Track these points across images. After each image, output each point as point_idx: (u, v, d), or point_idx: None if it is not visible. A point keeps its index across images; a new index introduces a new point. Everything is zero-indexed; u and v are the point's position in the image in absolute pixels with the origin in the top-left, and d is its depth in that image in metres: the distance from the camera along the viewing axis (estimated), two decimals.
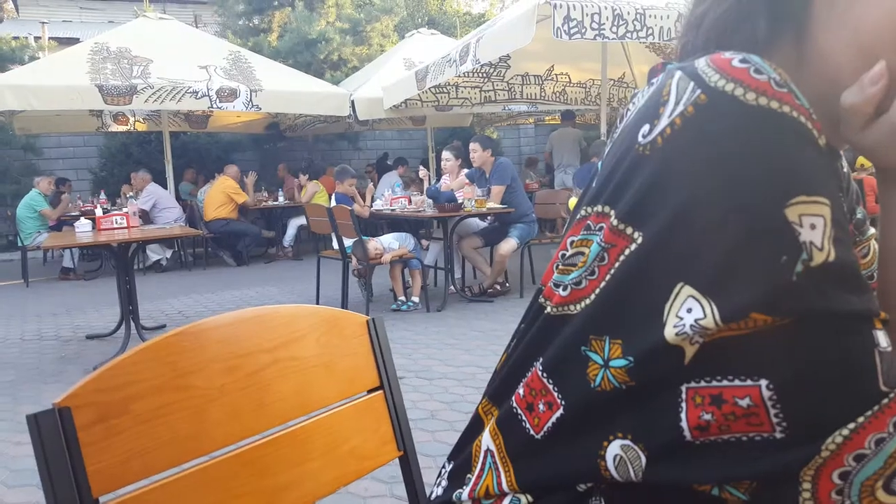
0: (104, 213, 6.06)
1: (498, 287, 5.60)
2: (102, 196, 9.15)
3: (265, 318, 0.99)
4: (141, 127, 9.96)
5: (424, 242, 8.04)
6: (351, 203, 5.55)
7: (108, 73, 7.07)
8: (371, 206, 6.17)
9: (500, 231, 5.59)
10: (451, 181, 5.93)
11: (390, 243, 5.20)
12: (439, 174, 8.54)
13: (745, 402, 0.57)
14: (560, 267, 0.73)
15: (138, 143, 10.74)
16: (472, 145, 5.73)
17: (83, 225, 4.94)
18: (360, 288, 5.70)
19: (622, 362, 0.63)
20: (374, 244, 5.08)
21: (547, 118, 12.85)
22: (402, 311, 5.19)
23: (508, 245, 5.39)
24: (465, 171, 6.03)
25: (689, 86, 0.60)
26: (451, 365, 3.75)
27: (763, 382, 0.56)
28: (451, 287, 5.53)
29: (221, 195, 8.25)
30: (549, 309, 0.72)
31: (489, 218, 5.92)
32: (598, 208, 0.68)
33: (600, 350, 0.65)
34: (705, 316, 0.57)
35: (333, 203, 5.67)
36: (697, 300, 0.58)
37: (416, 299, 5.27)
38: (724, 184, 0.57)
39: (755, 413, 0.57)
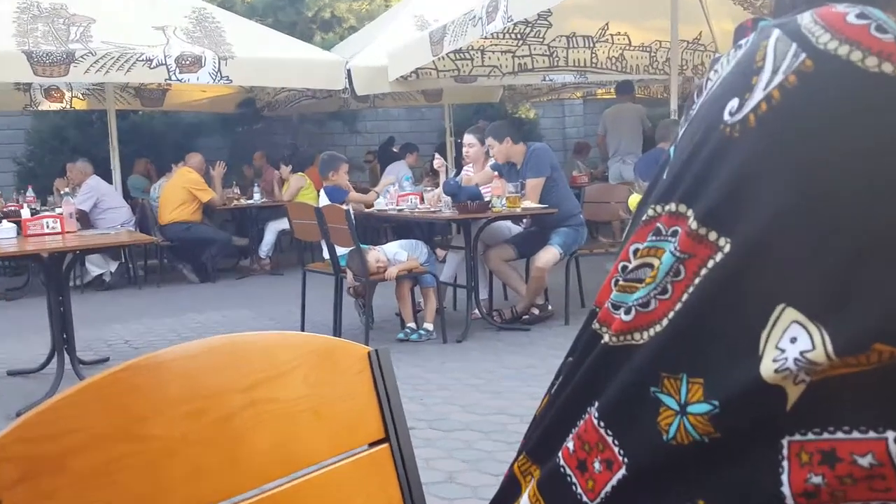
0: (32, 214, 6.14)
1: (536, 311, 5.60)
2: (30, 193, 9.26)
3: (238, 348, 1.00)
4: (79, 105, 10.01)
5: (440, 252, 8.06)
6: (345, 198, 5.61)
7: (39, 37, 7.01)
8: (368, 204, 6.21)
9: (538, 238, 5.61)
10: (476, 173, 5.95)
11: (396, 254, 5.22)
12: (460, 164, 8.58)
13: (866, 461, 0.57)
14: (621, 283, 0.74)
15: (76, 126, 10.87)
16: (467, 138, 5.84)
17: (5, 230, 5.00)
18: (357, 311, 5.72)
19: (704, 407, 0.63)
20: (376, 254, 5.10)
21: (599, 91, 12.85)
22: (411, 342, 5.22)
23: (549, 255, 5.40)
24: (492, 159, 6.09)
25: (790, 49, 0.60)
26: (475, 412, 3.76)
27: (891, 435, 0.56)
28: (475, 311, 5.55)
29: (181, 192, 8.36)
30: (606, 338, 0.73)
31: (525, 221, 5.92)
32: (672, 207, 0.68)
33: (675, 391, 0.65)
34: (814, 347, 0.57)
35: (323, 200, 5.72)
36: (804, 327, 0.58)
37: (429, 326, 5.29)
38: (841, 176, 0.56)
39: (880, 475, 0.56)
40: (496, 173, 5.58)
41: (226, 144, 12.24)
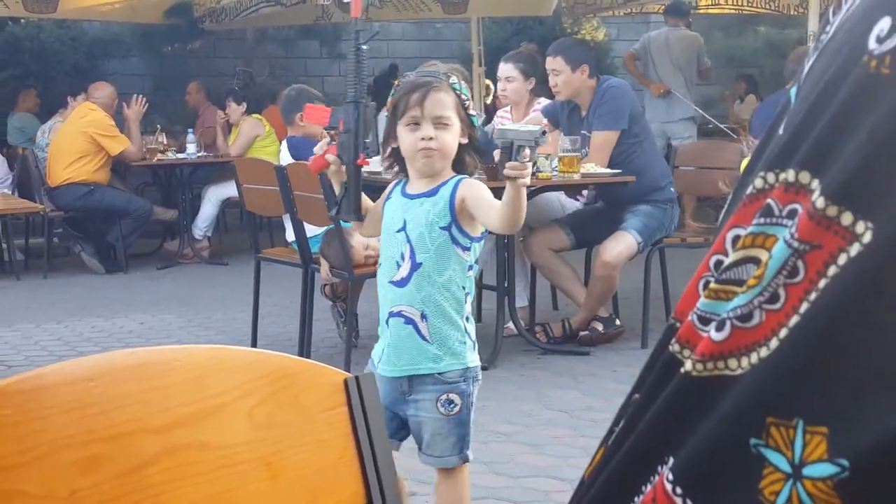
0: None
1: (599, 327, 5.62)
2: None
3: (155, 370, 1.01)
4: None
5: None
6: (302, 146, 5.59)
7: None
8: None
9: (605, 218, 5.61)
10: (517, 119, 5.95)
11: None
12: (492, 108, 8.51)
13: None
14: (712, 285, 0.75)
15: None
16: (504, 69, 5.87)
17: None
18: (335, 320, 5.73)
19: (828, 469, 0.64)
20: (364, 238, 5.11)
21: (703, 2, 12.74)
22: None
23: (622, 246, 5.40)
24: (541, 101, 6.02)
25: None
26: (506, 473, 3.75)
27: None
28: (509, 324, 5.57)
29: (81, 139, 8.41)
30: (688, 365, 0.75)
31: (586, 192, 5.91)
32: (789, 176, 0.70)
33: (786, 445, 0.66)
34: None
35: (286, 156, 5.72)
36: None
37: None
38: None
39: None
40: (546, 121, 5.55)
41: (148, 71, 12.29)
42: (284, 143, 5.91)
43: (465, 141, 2.83)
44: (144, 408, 0.99)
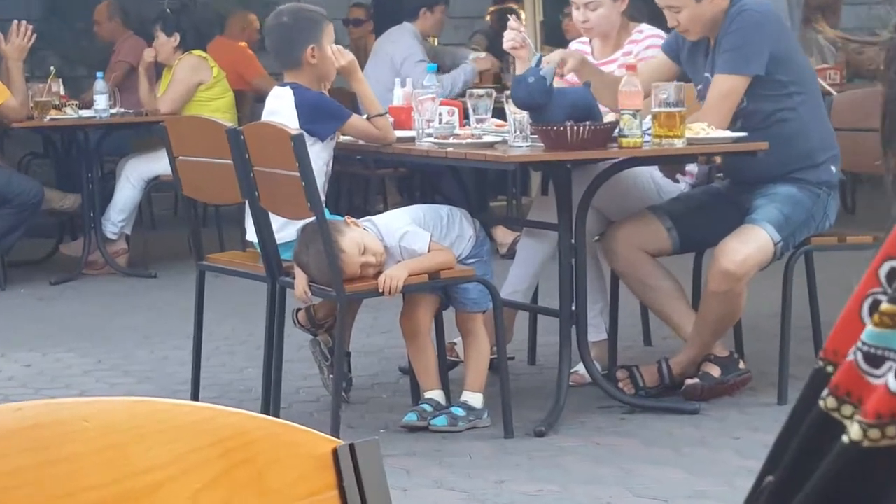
0: None
1: (714, 372, 5.58)
2: None
3: (50, 433, 1.01)
4: None
5: (501, 236, 8.02)
6: (341, 126, 5.49)
7: None
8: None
9: (727, 206, 5.63)
10: (602, 55, 6.05)
11: (405, 234, 5.23)
12: (557, 40, 8.40)
13: None
14: (886, 306, 0.76)
15: None
16: None
17: None
18: (316, 361, 5.71)
19: None
20: (361, 236, 5.10)
21: None
22: (433, 432, 5.25)
23: (751, 245, 5.38)
24: (642, 29, 6.04)
25: None
26: None
27: None
28: (578, 369, 5.60)
29: None
30: (855, 430, 0.75)
31: (693, 167, 5.94)
32: None
33: None
34: None
35: (280, 116, 5.51)
36: None
37: (474, 399, 5.32)
38: None
39: None
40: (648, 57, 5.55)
41: None
42: (280, 96, 5.68)
43: None
44: (37, 493, 0.99)
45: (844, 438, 0.75)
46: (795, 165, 5.45)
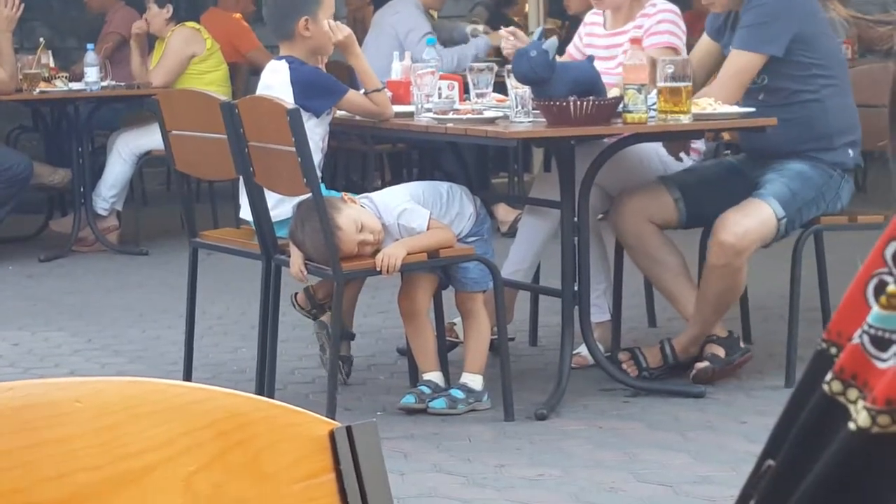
0: None
1: (719, 351, 5.61)
2: None
3: (41, 414, 1.01)
4: None
5: (503, 214, 8.01)
6: (337, 101, 5.50)
7: None
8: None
9: (738, 179, 5.65)
10: (614, 25, 6.07)
11: (403, 212, 5.26)
12: (558, 10, 8.44)
13: None
14: (893, 288, 0.76)
15: None
16: None
17: None
18: (318, 341, 5.73)
19: None
20: (358, 213, 5.12)
21: None
22: (432, 414, 5.28)
23: (752, 219, 5.41)
24: (655, 2, 6.03)
25: None
26: None
27: None
28: (580, 350, 5.63)
29: None
30: (863, 417, 0.75)
31: (699, 144, 5.97)
32: None
33: None
34: None
35: (274, 89, 5.54)
36: None
37: (473, 381, 5.35)
38: None
39: None
40: (671, 44, 5.58)
41: None
42: (276, 70, 5.68)
43: None
44: (28, 474, 0.99)
45: (851, 426, 0.75)
46: (811, 145, 5.48)
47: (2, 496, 0.98)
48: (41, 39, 9.63)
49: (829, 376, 0.78)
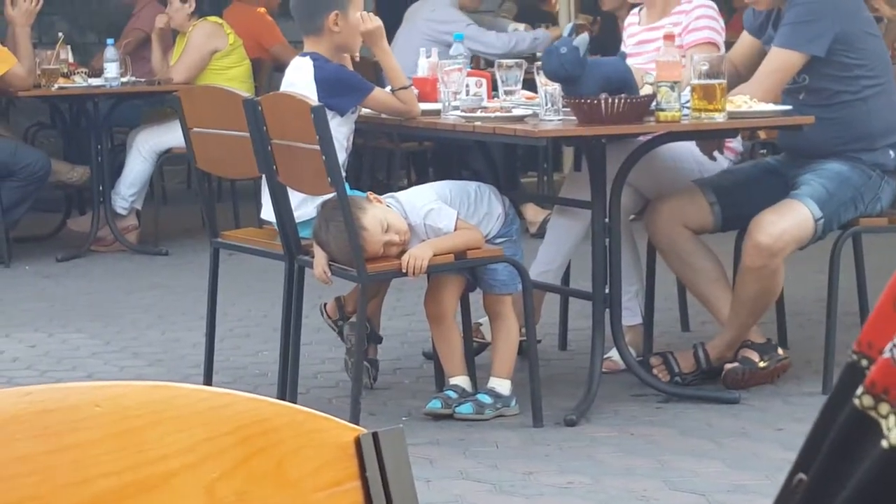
0: None
1: (755, 357, 5.59)
2: None
3: (59, 419, 1.01)
4: None
5: (532, 215, 7.98)
6: (362, 101, 5.47)
7: None
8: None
9: (776, 180, 5.63)
10: (650, 20, 6.07)
11: (430, 212, 5.25)
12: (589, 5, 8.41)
13: None
14: None
15: None
16: None
17: None
18: (348, 346, 5.76)
19: None
20: (384, 213, 5.11)
21: None
22: (459, 421, 5.25)
23: (788, 220, 5.38)
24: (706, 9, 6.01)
25: None
26: None
27: None
28: (611, 354, 5.61)
29: None
30: (894, 436, 0.75)
31: (735, 143, 5.95)
32: None
33: None
34: None
35: (297, 86, 5.52)
36: None
37: (501, 386, 5.34)
38: None
39: None
40: (711, 36, 5.55)
41: None
42: (300, 68, 5.66)
43: None
44: (48, 480, 0.99)
45: (884, 443, 0.75)
46: (852, 146, 5.46)
47: (21, 502, 0.99)
48: (60, 34, 9.61)
49: (860, 390, 0.78)
